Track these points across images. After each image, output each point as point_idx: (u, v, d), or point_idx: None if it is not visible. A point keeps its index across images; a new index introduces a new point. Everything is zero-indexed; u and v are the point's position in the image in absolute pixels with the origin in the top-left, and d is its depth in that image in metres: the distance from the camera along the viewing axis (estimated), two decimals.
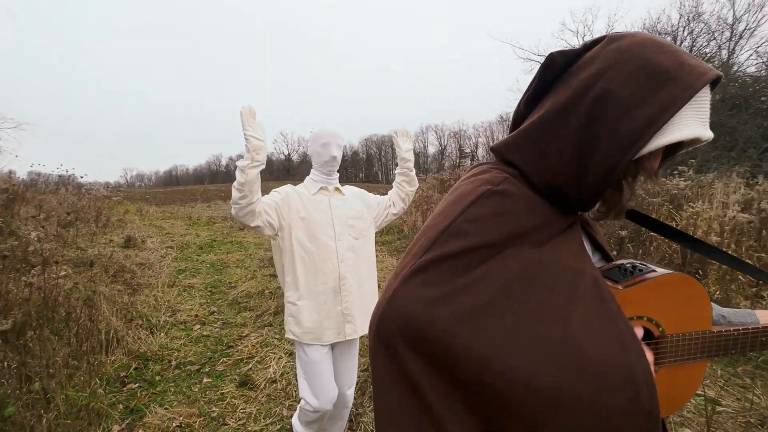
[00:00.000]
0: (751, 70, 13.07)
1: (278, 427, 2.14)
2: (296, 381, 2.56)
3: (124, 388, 2.47)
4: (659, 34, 13.85)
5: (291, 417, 2.23)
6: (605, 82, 0.52)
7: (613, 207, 0.60)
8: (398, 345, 0.49)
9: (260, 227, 1.45)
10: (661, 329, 0.61)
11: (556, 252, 0.56)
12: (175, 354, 2.94)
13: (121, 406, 2.27)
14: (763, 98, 12.26)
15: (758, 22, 13.29)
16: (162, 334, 3.24)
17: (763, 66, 12.90)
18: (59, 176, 9.58)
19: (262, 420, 2.19)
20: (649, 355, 0.57)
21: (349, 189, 1.73)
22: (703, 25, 14.14)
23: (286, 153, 75.96)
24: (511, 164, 0.61)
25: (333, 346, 1.63)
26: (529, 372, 0.46)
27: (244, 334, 3.31)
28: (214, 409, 2.29)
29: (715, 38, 14.23)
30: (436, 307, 0.48)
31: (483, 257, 0.52)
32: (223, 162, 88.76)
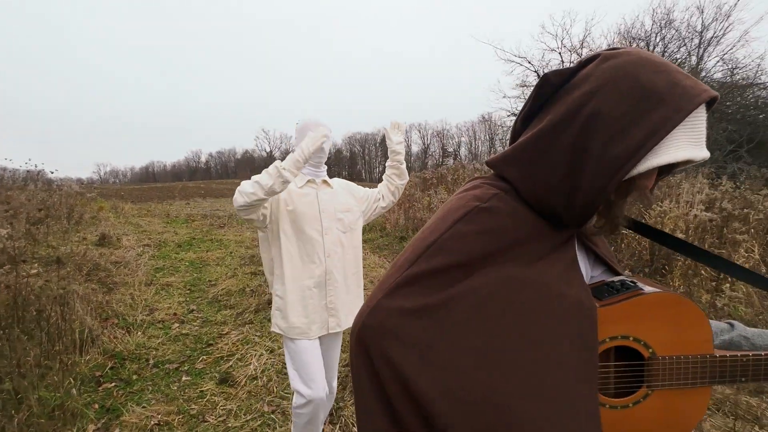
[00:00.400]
0: (718, 76, 13.72)
1: (259, 422, 2.14)
2: (277, 377, 2.59)
3: (100, 388, 2.42)
4: (633, 39, 14.34)
5: (272, 413, 2.24)
6: (597, 103, 0.52)
7: (607, 223, 0.60)
8: (374, 353, 0.52)
9: (254, 220, 1.44)
10: (651, 350, 0.58)
11: (543, 273, 0.56)
12: (153, 353, 2.90)
13: (96, 406, 2.23)
14: (728, 103, 12.91)
15: (725, 30, 13.93)
16: (139, 332, 3.18)
17: (729, 72, 13.56)
18: (27, 171, 9.18)
19: (243, 416, 2.20)
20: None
21: (338, 182, 1.70)
22: (674, 31, 14.72)
23: (268, 150, 74.86)
24: (505, 179, 0.62)
25: (318, 339, 1.61)
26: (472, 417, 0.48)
27: (225, 332, 3.28)
28: (193, 406, 2.28)
29: (685, 44, 14.82)
30: (413, 321, 0.51)
31: (466, 273, 0.54)
32: (203, 158, 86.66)
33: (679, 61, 14.88)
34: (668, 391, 0.59)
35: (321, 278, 1.52)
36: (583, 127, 0.53)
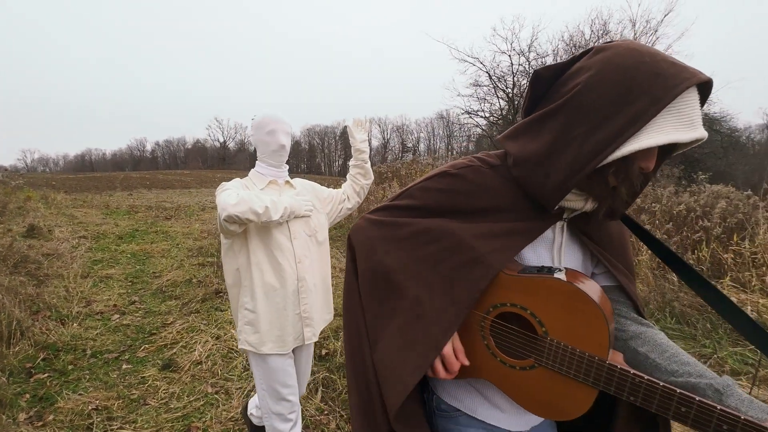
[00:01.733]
0: None
1: (202, 402, 2.22)
2: (222, 361, 2.65)
3: (31, 379, 2.35)
4: (575, 47, 15.40)
5: (215, 393, 2.32)
6: (586, 93, 0.57)
7: (602, 206, 0.64)
8: (351, 237, 0.81)
9: (234, 231, 1.30)
10: (544, 329, 0.62)
11: (470, 231, 0.67)
12: (90, 343, 2.83)
13: (28, 396, 2.18)
14: None
15: (653, 43, 15.39)
16: (75, 324, 3.08)
17: None
18: None
19: (186, 398, 2.25)
20: (449, 349, 0.67)
21: (300, 182, 1.59)
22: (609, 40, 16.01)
23: (222, 140, 71.43)
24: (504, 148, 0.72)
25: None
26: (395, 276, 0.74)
27: (169, 322, 3.26)
28: (134, 392, 2.30)
29: None
30: (377, 231, 0.77)
31: (419, 214, 0.74)
32: (148, 147, 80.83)
33: None
34: (554, 372, 0.62)
35: (293, 286, 1.41)
36: (571, 115, 0.59)
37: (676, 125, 0.53)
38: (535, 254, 0.70)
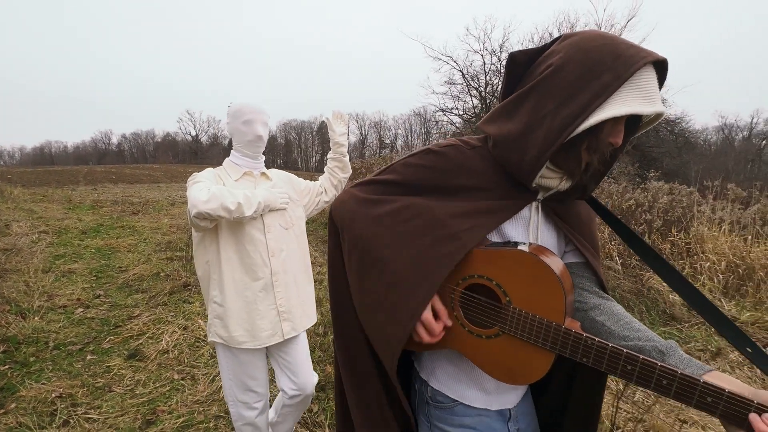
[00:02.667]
0: None
1: (168, 388, 2.29)
2: (189, 350, 2.72)
3: None
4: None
5: (181, 379, 2.39)
6: (556, 73, 0.63)
7: (573, 177, 0.69)
8: (332, 211, 0.84)
9: (206, 227, 1.29)
10: (508, 299, 0.66)
11: (446, 208, 0.71)
12: (53, 336, 2.83)
13: None
14: None
15: None
16: (36, 318, 3.05)
17: None
18: None
19: (152, 384, 2.32)
20: (437, 306, 0.71)
21: (277, 173, 1.56)
22: None
23: (194, 134, 69.14)
24: (485, 132, 0.75)
25: (270, 348, 1.49)
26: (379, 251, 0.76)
27: (135, 314, 3.28)
28: (99, 380, 2.34)
29: None
30: (359, 206, 0.78)
31: (402, 191, 0.76)
32: (114, 140, 77.17)
33: None
34: (516, 339, 0.66)
35: (267, 280, 1.39)
36: (542, 94, 0.64)
37: (637, 98, 0.59)
38: (515, 232, 0.75)
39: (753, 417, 0.50)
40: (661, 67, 0.62)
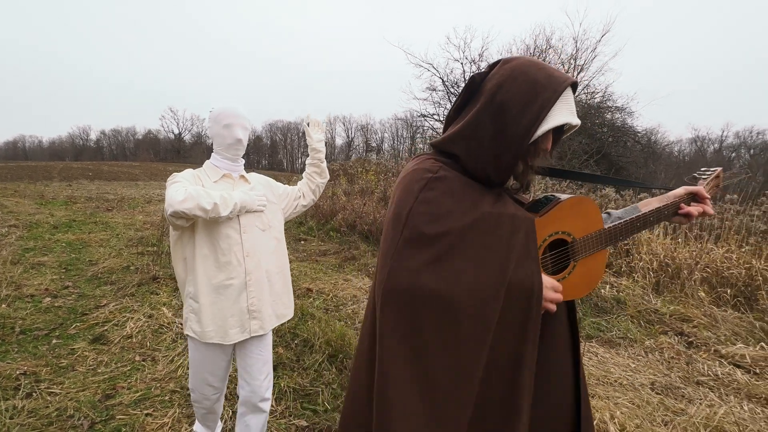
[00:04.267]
0: (582, 98, 16.62)
1: (129, 368, 2.46)
2: (152, 336, 2.89)
3: None
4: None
5: (142, 360, 2.56)
6: (502, 94, 0.76)
7: (523, 181, 0.84)
8: (396, 305, 0.73)
9: (182, 225, 1.33)
10: (572, 237, 0.85)
11: (502, 205, 0.78)
12: (20, 322, 2.95)
13: None
14: (586, 121, 15.71)
15: (591, 60, 16.81)
16: (3, 305, 3.16)
17: (589, 96, 16.52)
18: None
19: (114, 365, 2.49)
20: (549, 281, 0.80)
21: (256, 177, 1.61)
22: (555, 56, 17.19)
23: (177, 132, 67.95)
24: (450, 155, 0.83)
25: (237, 344, 1.54)
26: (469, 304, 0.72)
27: (102, 304, 3.41)
28: (63, 361, 2.49)
29: (564, 66, 17.38)
30: (425, 273, 0.71)
31: (441, 225, 0.73)
32: (93, 136, 75.05)
33: None
34: (585, 259, 0.88)
35: (240, 279, 1.43)
36: (497, 111, 0.76)
37: (567, 112, 0.75)
38: None
39: (684, 210, 0.99)
40: (575, 87, 0.80)
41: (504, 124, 0.75)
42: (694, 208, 0.99)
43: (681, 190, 1.01)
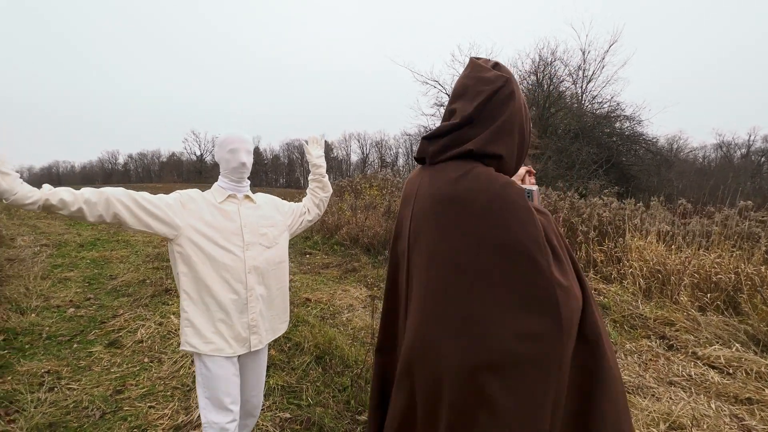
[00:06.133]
0: (591, 107, 16.64)
1: (137, 368, 2.75)
2: (160, 341, 3.19)
3: None
4: (527, 73, 16.69)
5: (150, 362, 2.85)
6: (519, 90, 0.84)
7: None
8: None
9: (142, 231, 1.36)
10: None
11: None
12: (47, 329, 3.30)
13: None
14: (607, 130, 15.66)
15: (601, 69, 16.81)
16: (33, 315, 3.54)
17: (597, 105, 16.54)
18: None
19: (125, 366, 2.78)
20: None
21: (261, 196, 1.65)
22: (563, 66, 17.24)
23: (199, 153, 70.70)
24: (492, 156, 0.81)
25: (239, 357, 1.53)
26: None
27: (119, 314, 3.75)
28: (81, 362, 2.81)
29: (572, 78, 17.44)
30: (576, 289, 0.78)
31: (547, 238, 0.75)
32: (121, 160, 78.97)
33: (568, 90, 17.54)
34: None
35: (242, 296, 1.45)
36: (524, 118, 0.84)
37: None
38: None
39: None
40: None
41: (525, 128, 0.84)
42: None
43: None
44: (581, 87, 17.38)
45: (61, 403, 2.29)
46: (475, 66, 0.84)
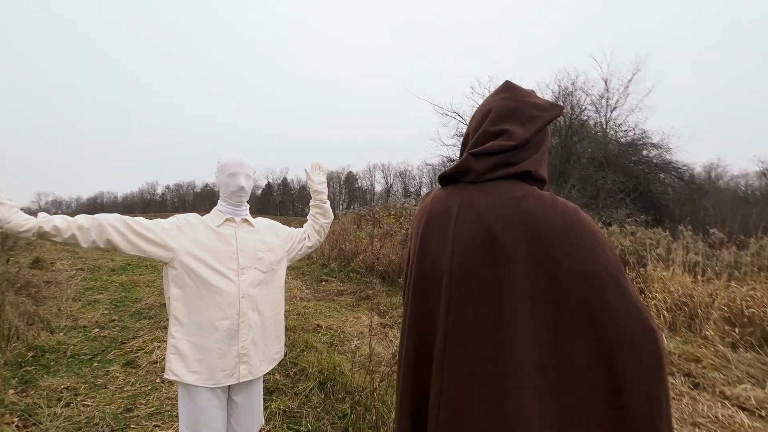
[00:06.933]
0: (613, 135, 16.34)
1: (149, 388, 2.85)
2: None
3: (21, 369, 3.01)
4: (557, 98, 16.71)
5: (161, 382, 2.94)
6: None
7: None
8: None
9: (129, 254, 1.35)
10: None
11: None
12: (72, 348, 3.49)
13: (16, 380, 2.84)
14: (634, 158, 15.30)
15: (625, 97, 16.64)
16: (61, 334, 3.76)
17: (623, 134, 16.25)
18: None
19: (138, 385, 2.89)
20: None
21: (261, 221, 1.63)
22: (585, 96, 17.18)
23: None
24: (541, 180, 0.80)
25: (229, 388, 1.48)
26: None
27: (139, 335, 3.92)
28: (99, 380, 2.94)
29: (596, 108, 17.29)
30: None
31: None
32: (159, 191, 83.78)
33: (591, 119, 17.36)
34: None
35: (234, 321, 1.40)
36: (546, 144, 0.82)
37: None
38: None
39: None
40: None
41: (547, 150, 0.83)
42: None
43: None
44: (605, 116, 17.21)
45: (74, 418, 2.40)
46: (518, 90, 0.82)
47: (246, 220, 1.55)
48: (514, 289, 0.67)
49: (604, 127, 17.07)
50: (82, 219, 1.27)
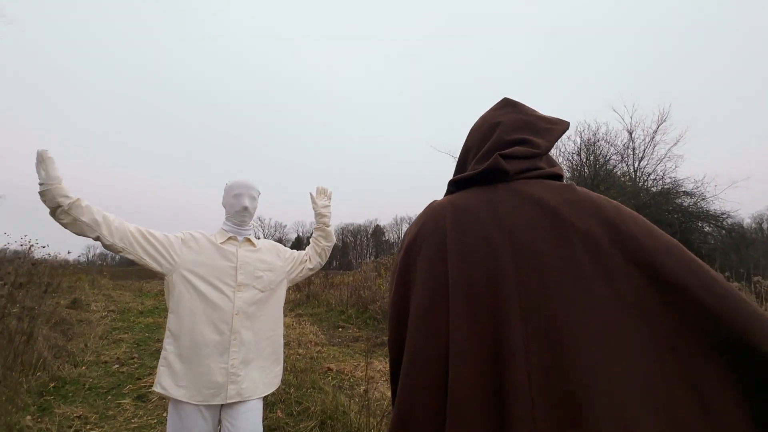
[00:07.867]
0: (643, 184, 15.92)
1: (155, 421, 2.88)
2: None
3: (41, 399, 3.15)
4: (570, 153, 16.76)
5: (167, 416, 2.96)
6: None
7: None
8: None
9: (119, 251, 1.36)
10: None
11: None
12: (90, 381, 3.62)
13: (35, 407, 2.96)
14: (671, 208, 14.71)
15: (652, 148, 16.42)
16: (83, 368, 3.91)
17: (653, 183, 15.83)
18: (15, 252, 9.74)
19: (146, 417, 2.93)
20: None
21: (264, 241, 1.66)
22: (610, 147, 17.06)
23: (261, 236, 76.33)
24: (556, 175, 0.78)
25: (221, 413, 1.44)
26: None
27: (155, 372, 4.01)
28: (110, 411, 3.01)
29: (623, 158, 17.07)
30: None
31: None
32: None
33: (617, 168, 17.07)
34: None
35: (225, 338, 1.39)
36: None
37: None
38: None
39: None
40: None
41: None
42: None
43: None
44: (633, 165, 16.92)
45: None
46: (522, 105, 0.81)
47: (248, 240, 1.58)
48: (603, 274, 0.56)
49: (633, 176, 16.72)
50: (109, 213, 1.35)
